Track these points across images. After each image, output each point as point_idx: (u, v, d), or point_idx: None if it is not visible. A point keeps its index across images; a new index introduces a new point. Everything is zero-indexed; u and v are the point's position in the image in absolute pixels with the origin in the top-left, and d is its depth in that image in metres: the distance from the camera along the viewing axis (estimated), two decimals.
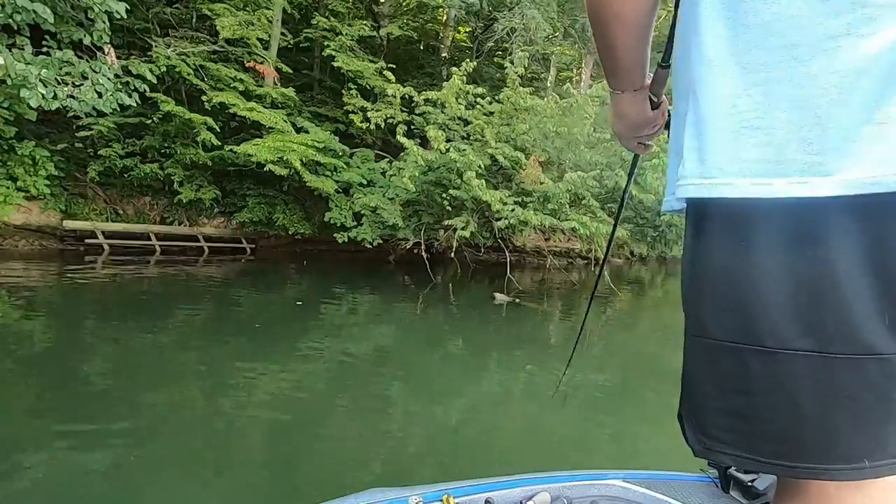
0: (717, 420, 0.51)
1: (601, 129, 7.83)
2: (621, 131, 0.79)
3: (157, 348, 4.36)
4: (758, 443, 0.49)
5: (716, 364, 0.51)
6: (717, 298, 0.50)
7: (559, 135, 7.59)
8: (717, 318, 0.50)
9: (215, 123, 9.04)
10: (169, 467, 2.44)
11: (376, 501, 1.09)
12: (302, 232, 10.49)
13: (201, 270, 8.90)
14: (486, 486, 1.23)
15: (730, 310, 0.49)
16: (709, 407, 0.52)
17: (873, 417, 0.46)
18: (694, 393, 0.54)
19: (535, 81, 13.45)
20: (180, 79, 8.88)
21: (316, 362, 4.35)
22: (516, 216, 6.76)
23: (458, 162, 6.99)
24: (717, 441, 0.52)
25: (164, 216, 10.27)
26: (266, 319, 5.94)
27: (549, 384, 4.40)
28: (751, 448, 0.50)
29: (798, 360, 0.46)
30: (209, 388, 3.53)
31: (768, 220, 0.46)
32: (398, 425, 3.26)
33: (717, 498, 1.35)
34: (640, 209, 7.51)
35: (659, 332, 7.30)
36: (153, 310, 5.84)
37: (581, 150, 7.72)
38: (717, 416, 0.51)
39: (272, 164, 7.94)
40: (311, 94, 12.29)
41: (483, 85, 9.51)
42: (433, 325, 6.31)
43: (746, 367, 0.48)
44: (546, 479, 1.31)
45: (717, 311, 0.50)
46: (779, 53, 0.45)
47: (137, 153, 9.16)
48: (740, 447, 0.50)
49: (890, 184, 0.41)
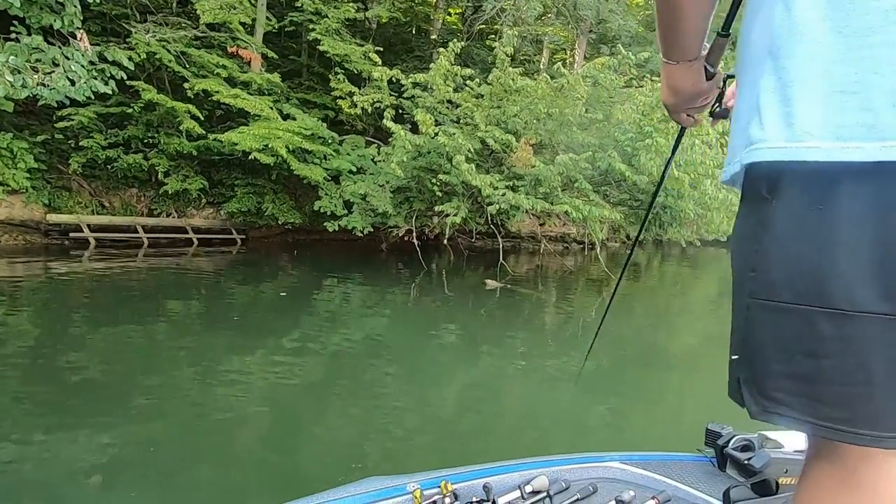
0: (779, 383, 0.51)
1: (593, 110, 7.63)
2: (674, 104, 0.78)
3: (148, 341, 4.31)
4: (822, 407, 0.49)
5: (783, 327, 0.50)
6: (791, 262, 0.50)
7: (551, 116, 7.40)
8: (789, 282, 0.50)
9: (200, 112, 8.82)
10: (163, 459, 2.43)
11: (374, 490, 1.09)
12: (292, 221, 10.33)
13: (191, 262, 8.78)
14: (483, 471, 1.23)
15: (804, 273, 0.49)
16: (771, 370, 0.52)
17: None
18: (755, 356, 0.53)
19: (528, 64, 13.19)
20: (162, 66, 8.63)
21: (309, 353, 4.31)
22: (507, 200, 6.60)
23: (448, 146, 6.81)
24: (778, 404, 0.52)
25: (151, 208, 10.08)
26: (257, 310, 5.89)
27: (542, 369, 4.39)
28: (814, 412, 0.49)
29: (873, 324, 0.45)
30: (202, 381, 3.52)
31: (854, 183, 0.46)
32: (394, 414, 3.24)
33: (715, 476, 1.36)
34: (634, 191, 7.35)
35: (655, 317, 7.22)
36: (142, 303, 5.77)
37: (574, 131, 7.54)
38: (780, 379, 0.51)
39: (257, 153, 7.75)
40: (298, 80, 12.02)
41: (474, 68, 9.28)
42: (426, 314, 6.26)
43: (817, 331, 0.48)
44: (544, 462, 1.30)
45: (789, 275, 0.50)
46: (880, 17, 0.45)
47: (120, 144, 8.95)
48: (803, 411, 0.50)
49: None
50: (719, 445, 1.40)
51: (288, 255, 10.29)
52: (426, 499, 1.07)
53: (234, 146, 7.85)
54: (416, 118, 7.05)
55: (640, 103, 6.57)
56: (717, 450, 1.40)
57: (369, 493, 1.09)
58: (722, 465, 1.40)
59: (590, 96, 7.73)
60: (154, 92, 8.30)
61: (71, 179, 9.28)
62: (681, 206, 6.83)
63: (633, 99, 7.04)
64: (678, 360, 5.29)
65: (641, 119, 6.40)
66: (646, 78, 7.50)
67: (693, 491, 1.29)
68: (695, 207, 7.04)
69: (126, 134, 8.92)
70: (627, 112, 6.79)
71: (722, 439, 1.40)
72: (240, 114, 9.06)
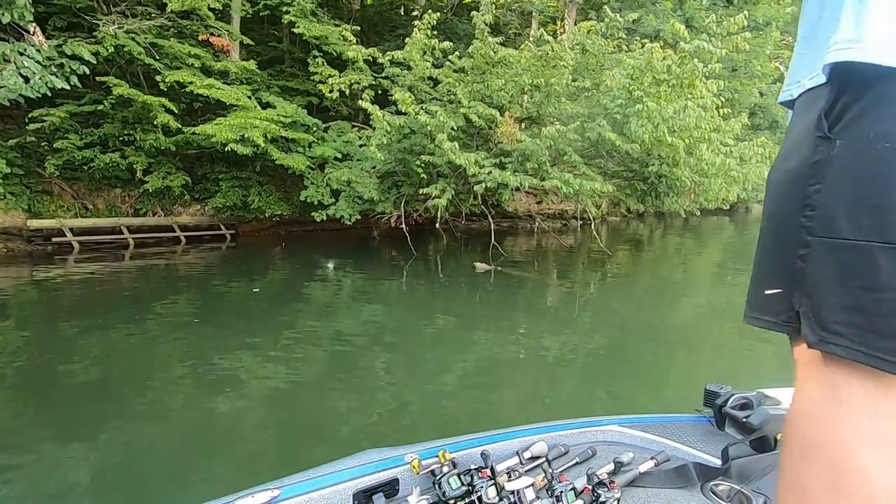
0: (838, 315, 0.53)
1: (582, 78, 7.25)
2: None
3: (141, 343, 4.32)
4: (876, 339, 0.50)
5: (841, 262, 0.52)
6: (850, 198, 0.51)
7: (537, 88, 7.04)
8: (849, 218, 0.51)
9: (177, 105, 8.53)
10: (167, 458, 2.48)
11: (372, 461, 1.09)
12: (280, 213, 10.09)
13: (180, 261, 8.65)
14: (482, 439, 1.22)
15: (865, 209, 0.50)
16: (830, 303, 0.53)
17: None
18: (815, 290, 0.55)
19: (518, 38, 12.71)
20: (133, 59, 8.32)
21: (304, 345, 4.34)
22: (494, 179, 6.30)
23: (430, 125, 6.49)
24: (835, 335, 0.53)
25: (136, 208, 9.86)
26: (249, 305, 5.83)
27: (536, 350, 4.35)
28: (869, 343, 0.51)
29: None
30: (199, 378, 3.48)
31: None
32: (393, 400, 3.27)
33: (714, 436, 1.36)
34: (627, 161, 7.00)
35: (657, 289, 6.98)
36: (132, 305, 5.71)
37: (562, 102, 7.18)
38: (839, 311, 0.52)
39: (234, 144, 7.47)
40: (280, 67, 11.66)
41: (458, 43, 8.88)
42: (419, 300, 6.15)
43: (876, 265, 0.49)
44: (543, 428, 1.30)
45: (849, 211, 0.51)
46: None
47: (97, 143, 8.69)
48: (858, 341, 0.51)
49: None
50: (718, 405, 1.39)
51: (279, 247, 10.10)
52: (424, 468, 1.06)
53: (210, 138, 7.57)
54: (395, 97, 6.72)
55: (629, 67, 6.19)
56: (715, 409, 1.40)
57: (367, 464, 1.08)
58: (721, 424, 1.39)
59: (577, 64, 7.34)
60: (126, 87, 8.01)
61: (51, 183, 9.07)
62: (676, 175, 6.48)
63: (622, 64, 6.65)
64: (680, 331, 5.21)
65: (631, 84, 6.02)
66: (635, 41, 7.09)
67: (692, 450, 1.29)
68: (691, 175, 6.68)
69: (102, 132, 8.65)
70: (616, 78, 6.41)
71: (720, 399, 1.39)
72: (219, 105, 8.75)
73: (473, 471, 1.06)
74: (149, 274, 7.65)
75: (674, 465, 1.19)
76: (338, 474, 1.05)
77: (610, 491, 1.04)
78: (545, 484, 1.08)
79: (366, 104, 6.93)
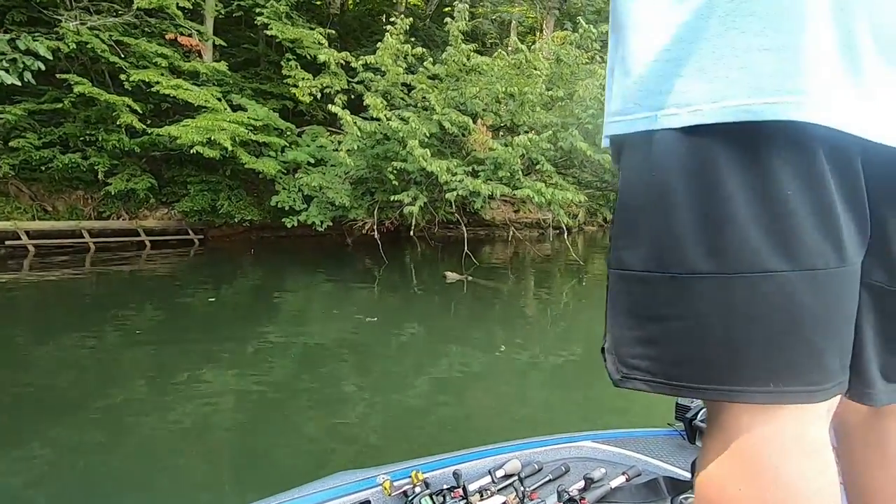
0: (633, 349, 0.53)
1: (556, 88, 7.24)
2: None
3: (98, 353, 4.12)
4: (669, 368, 0.50)
5: (631, 294, 0.52)
6: (631, 230, 0.52)
7: (511, 97, 7.00)
8: (632, 250, 0.51)
9: (143, 106, 8.27)
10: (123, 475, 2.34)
11: (344, 483, 1.08)
12: (251, 219, 9.85)
13: (144, 266, 8.34)
14: (454, 458, 1.22)
15: (642, 241, 0.50)
16: (625, 337, 0.53)
17: (779, 339, 0.46)
18: (613, 325, 0.55)
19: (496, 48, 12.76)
20: (97, 57, 8.04)
21: (272, 356, 4.20)
22: (466, 186, 6.22)
23: (401, 131, 6.38)
24: (633, 369, 0.53)
25: (100, 211, 9.50)
26: (215, 314, 5.62)
27: (507, 362, 4.25)
28: (663, 373, 0.51)
29: (702, 283, 0.47)
30: (160, 391, 3.33)
31: (670, 149, 0.48)
32: (362, 414, 3.19)
33: (684, 449, 1.38)
34: (599, 172, 7.00)
35: None
36: (89, 313, 5.47)
37: (537, 111, 7.15)
38: (633, 345, 0.52)
39: (200, 146, 7.24)
40: (255, 70, 11.45)
41: (436, 51, 8.83)
42: (391, 310, 6.02)
43: (657, 295, 0.50)
44: (516, 446, 1.31)
45: (631, 243, 0.51)
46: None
47: (57, 142, 8.35)
48: (653, 373, 0.51)
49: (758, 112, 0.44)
50: (688, 418, 1.41)
51: (249, 254, 9.83)
52: (396, 489, 1.06)
53: (176, 140, 7.33)
54: (366, 101, 6.60)
55: (601, 77, 6.19)
56: (686, 423, 1.41)
57: (338, 487, 1.07)
58: (691, 437, 1.41)
59: (552, 74, 7.34)
60: (88, 85, 7.73)
61: (7, 183, 8.67)
62: None
63: (595, 74, 6.66)
64: None
65: (603, 94, 6.01)
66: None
67: (663, 464, 1.31)
68: None
69: (62, 132, 8.32)
70: (589, 88, 6.42)
71: (691, 412, 1.41)
72: (188, 107, 8.51)
73: (446, 491, 1.07)
74: (110, 280, 7.35)
75: (645, 479, 1.20)
76: (307, 498, 1.03)
77: None
78: (517, 502, 1.09)
79: (336, 108, 6.79)
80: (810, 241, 0.45)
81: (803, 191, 0.45)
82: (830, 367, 0.47)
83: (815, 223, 0.45)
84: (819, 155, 0.45)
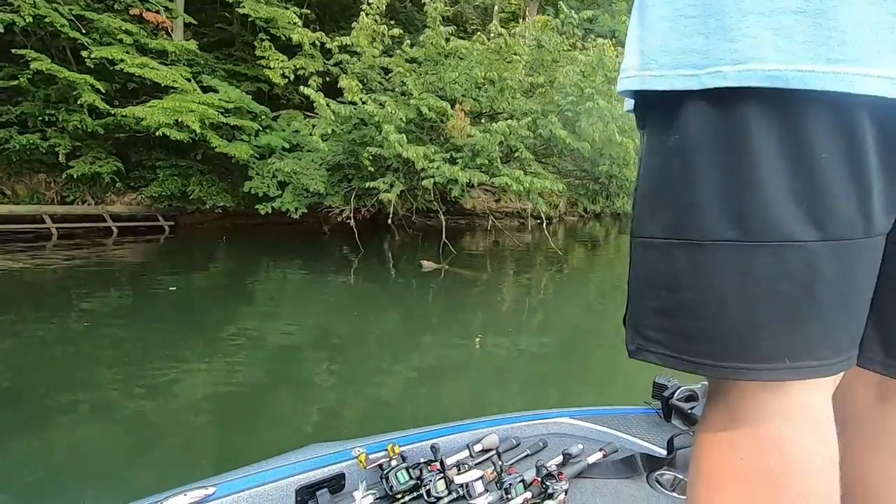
0: (650, 320, 0.51)
1: (536, 74, 7.11)
2: None
3: (61, 345, 3.97)
4: (684, 342, 0.49)
5: (651, 263, 0.51)
6: (653, 196, 0.50)
7: (491, 82, 6.85)
8: (653, 217, 0.50)
9: (107, 85, 7.87)
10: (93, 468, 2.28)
11: (319, 456, 1.06)
12: (224, 205, 9.55)
13: (111, 254, 8.02)
14: (431, 432, 1.21)
15: (663, 207, 0.49)
16: (644, 307, 0.52)
17: (796, 313, 0.45)
18: (633, 294, 0.54)
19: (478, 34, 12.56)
20: (56, 32, 7.61)
21: (246, 347, 4.10)
22: (443, 173, 6.08)
23: (377, 115, 6.19)
24: (649, 341, 0.52)
25: (63, 195, 9.08)
26: (186, 304, 5.44)
27: (484, 351, 4.20)
28: (677, 347, 0.49)
29: (723, 251, 0.46)
30: (130, 383, 3.24)
31: (690, 112, 0.46)
32: (337, 398, 3.16)
33: (660, 427, 1.40)
34: (578, 160, 6.93)
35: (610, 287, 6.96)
36: (49, 301, 5.22)
37: (516, 97, 7.02)
38: (650, 316, 0.51)
39: (167, 128, 6.93)
40: (229, 51, 11.04)
41: (417, 34, 8.60)
42: (369, 299, 5.90)
43: (676, 264, 0.48)
44: (494, 421, 1.30)
45: (652, 210, 0.50)
46: None
47: (14, 122, 7.92)
48: (668, 346, 0.50)
49: (792, 79, 0.41)
50: (665, 397, 1.43)
51: (222, 241, 9.55)
52: (371, 462, 1.05)
53: (141, 121, 7.00)
54: (341, 84, 6.38)
55: (581, 63, 6.09)
56: (662, 401, 1.44)
57: (311, 459, 1.05)
58: (668, 415, 1.43)
59: (533, 60, 7.20)
60: (47, 62, 7.31)
61: None
62: (626, 175, 6.45)
63: (576, 61, 6.55)
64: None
65: (583, 81, 5.93)
66: (590, 39, 7.00)
67: (639, 441, 1.32)
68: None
69: (20, 111, 7.89)
70: (569, 75, 6.31)
71: (668, 391, 1.44)
72: (156, 87, 8.14)
73: (423, 464, 1.05)
74: (73, 267, 7.03)
75: (622, 455, 1.22)
76: (279, 470, 1.01)
77: (558, 482, 1.05)
78: (494, 477, 1.09)
79: (310, 91, 6.56)
80: (841, 211, 0.43)
81: (839, 157, 0.42)
82: (842, 343, 0.46)
83: (848, 192, 0.42)
84: (860, 121, 0.42)
